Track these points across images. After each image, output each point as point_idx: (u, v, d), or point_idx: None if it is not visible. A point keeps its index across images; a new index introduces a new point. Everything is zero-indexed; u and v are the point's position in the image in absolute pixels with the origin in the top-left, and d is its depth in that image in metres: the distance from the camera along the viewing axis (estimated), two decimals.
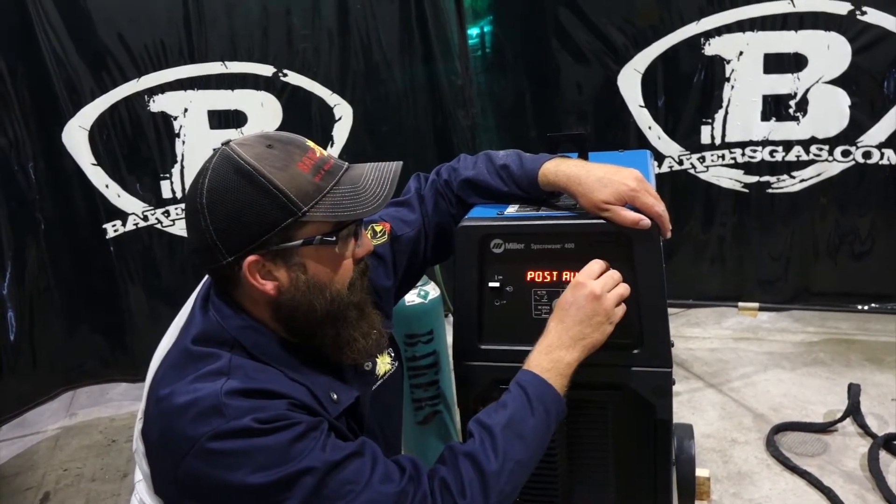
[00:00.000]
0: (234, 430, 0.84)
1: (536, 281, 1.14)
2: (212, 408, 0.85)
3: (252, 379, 0.90)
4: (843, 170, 2.72)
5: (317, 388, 0.96)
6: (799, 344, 3.00)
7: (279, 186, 0.89)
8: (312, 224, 0.92)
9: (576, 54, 2.93)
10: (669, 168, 2.94)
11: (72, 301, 2.78)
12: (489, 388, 1.18)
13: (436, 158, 3.11)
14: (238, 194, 0.89)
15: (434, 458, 0.97)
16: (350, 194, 0.93)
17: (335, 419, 0.97)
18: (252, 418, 0.84)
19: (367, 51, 2.98)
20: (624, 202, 1.07)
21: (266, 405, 0.87)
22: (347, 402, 1.00)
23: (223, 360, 0.92)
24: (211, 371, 0.90)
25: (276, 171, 0.89)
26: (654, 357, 1.10)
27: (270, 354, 0.95)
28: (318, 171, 0.92)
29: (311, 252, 0.93)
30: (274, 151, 0.92)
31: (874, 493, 2.06)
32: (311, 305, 0.94)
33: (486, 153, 1.27)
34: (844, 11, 2.53)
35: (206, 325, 0.96)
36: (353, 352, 1.00)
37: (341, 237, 0.95)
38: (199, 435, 0.84)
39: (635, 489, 1.17)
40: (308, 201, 0.90)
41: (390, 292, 1.23)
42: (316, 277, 0.94)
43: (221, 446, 0.84)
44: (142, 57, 2.69)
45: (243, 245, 0.91)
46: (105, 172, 2.74)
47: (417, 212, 1.27)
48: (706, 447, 2.35)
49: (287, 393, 0.90)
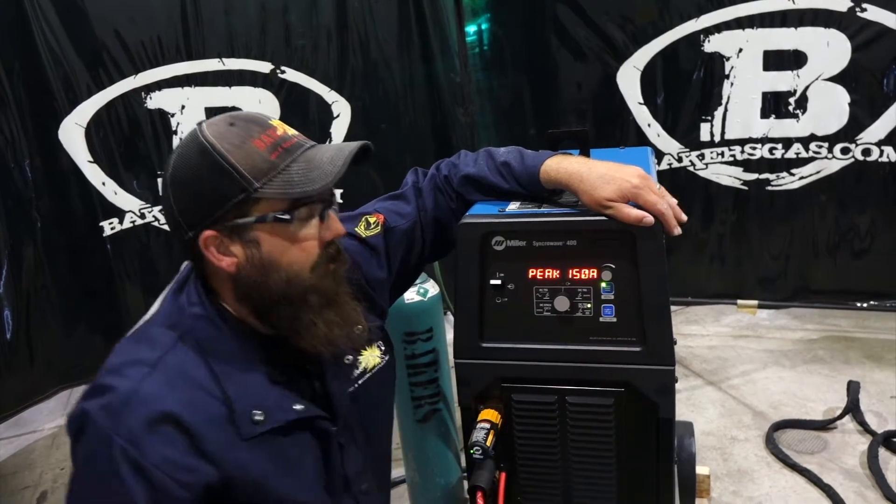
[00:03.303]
0: (93, 441, 0.87)
1: (538, 279, 1.13)
2: (103, 408, 0.88)
3: (164, 392, 0.89)
4: (843, 167, 2.72)
5: (240, 404, 0.94)
6: (798, 341, 3.00)
7: (232, 162, 0.90)
8: (266, 201, 0.92)
9: (575, 51, 2.92)
10: (669, 165, 2.93)
11: (69, 299, 2.77)
12: (490, 386, 1.17)
13: (434, 156, 3.10)
14: (196, 171, 0.92)
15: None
16: (303, 172, 0.93)
17: (247, 439, 0.93)
18: (113, 445, 0.86)
19: (365, 48, 2.98)
20: (627, 199, 1.06)
21: (141, 444, 0.86)
22: (275, 423, 0.96)
23: (158, 351, 0.93)
24: (141, 359, 0.92)
25: (233, 149, 0.91)
26: (656, 355, 1.09)
27: (217, 351, 0.95)
28: (275, 148, 0.93)
29: (266, 229, 0.93)
30: (234, 129, 0.93)
31: (874, 490, 2.06)
32: (266, 284, 0.94)
33: (487, 150, 1.25)
34: (844, 8, 2.53)
35: (168, 308, 0.99)
36: (313, 338, 0.97)
37: (297, 216, 0.94)
38: (86, 412, 0.88)
39: (637, 487, 1.16)
40: (261, 178, 0.91)
41: (384, 284, 1.22)
42: (271, 256, 0.94)
43: (81, 447, 0.89)
44: (138, 54, 2.67)
45: (201, 220, 0.93)
46: (102, 170, 2.73)
47: (413, 204, 1.26)
48: (706, 445, 2.34)
49: (181, 417, 0.89)
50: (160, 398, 0.89)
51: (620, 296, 1.10)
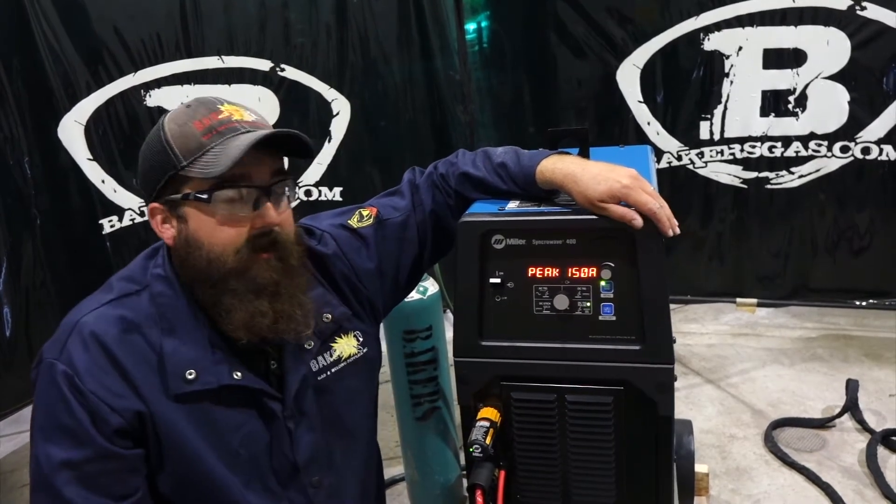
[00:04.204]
0: (43, 371, 0.97)
1: (538, 277, 1.13)
2: (51, 342, 0.98)
3: (102, 325, 0.97)
4: (842, 166, 2.72)
5: (175, 359, 0.98)
6: (797, 340, 3.00)
7: (168, 139, 0.97)
8: (193, 180, 0.97)
9: (574, 49, 2.92)
10: (668, 164, 2.93)
11: (68, 297, 2.76)
12: (489, 384, 1.17)
13: (434, 154, 3.10)
14: (148, 145, 1.01)
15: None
16: (219, 155, 0.95)
17: (175, 397, 0.98)
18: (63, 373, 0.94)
19: (364, 45, 2.97)
20: (618, 199, 1.06)
21: (77, 369, 0.95)
22: (205, 385, 0.99)
23: (111, 295, 1.01)
24: (94, 300, 1.01)
25: (175, 127, 0.98)
26: (656, 353, 1.09)
27: (170, 308, 1.00)
28: (210, 130, 0.97)
29: (192, 206, 0.98)
30: (186, 110, 1.00)
31: (872, 488, 2.07)
32: (189, 260, 0.99)
33: (484, 150, 1.26)
34: (844, 6, 2.53)
35: (135, 266, 1.06)
36: (231, 322, 0.99)
37: (217, 197, 0.97)
38: (41, 350, 0.99)
39: (636, 485, 1.16)
40: (188, 157, 0.96)
41: (373, 275, 1.22)
42: (195, 234, 0.98)
43: (37, 381, 0.98)
44: (138, 51, 2.67)
45: (149, 192, 1.01)
46: (101, 167, 2.73)
47: (408, 199, 1.27)
48: (705, 443, 2.35)
49: (112, 349, 0.96)
50: (97, 328, 0.97)
51: (620, 294, 1.10)
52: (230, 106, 1.02)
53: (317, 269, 1.16)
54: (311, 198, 3.09)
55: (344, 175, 3.09)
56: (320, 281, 1.16)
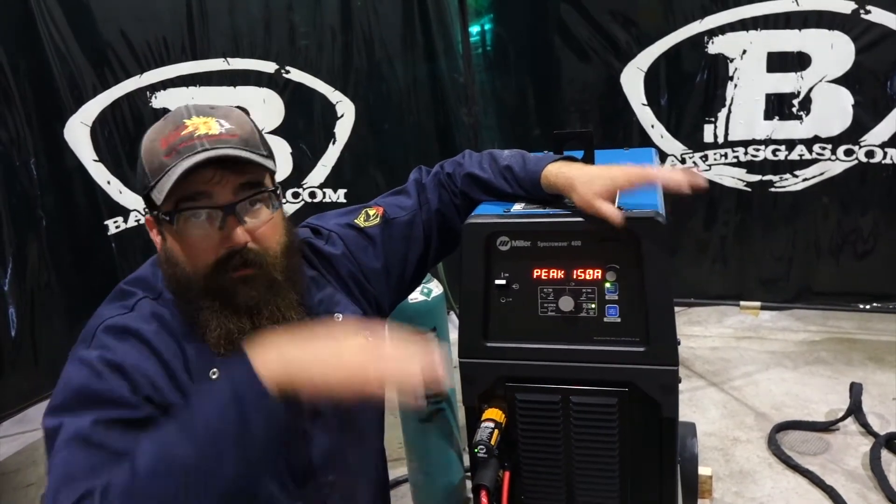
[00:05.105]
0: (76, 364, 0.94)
1: (543, 279, 1.14)
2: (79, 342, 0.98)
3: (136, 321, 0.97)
4: (846, 169, 2.72)
5: (196, 361, 0.97)
6: (801, 343, 3.00)
7: (142, 157, 0.97)
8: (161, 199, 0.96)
9: (578, 52, 2.93)
10: (672, 166, 2.94)
11: (73, 297, 2.78)
12: (494, 385, 1.17)
13: (438, 155, 3.11)
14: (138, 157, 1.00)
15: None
16: (171, 177, 0.91)
17: None
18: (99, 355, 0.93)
19: (369, 48, 2.98)
20: (612, 197, 1.07)
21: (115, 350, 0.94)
22: None
23: (132, 300, 1.01)
24: (119, 305, 1.01)
25: (148, 144, 0.96)
26: (660, 355, 1.09)
27: (184, 313, 0.99)
28: (171, 150, 0.93)
29: (164, 225, 0.98)
30: (160, 124, 0.98)
31: (876, 492, 2.06)
32: (169, 274, 1.00)
33: (490, 153, 1.26)
34: (848, 10, 2.53)
35: (146, 273, 1.05)
36: (209, 337, 0.97)
37: (179, 217, 0.94)
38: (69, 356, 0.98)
39: (640, 487, 1.17)
40: (154, 176, 0.94)
41: (380, 274, 1.22)
42: (172, 250, 0.98)
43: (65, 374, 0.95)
44: (144, 53, 2.68)
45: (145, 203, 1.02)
46: (107, 168, 2.74)
47: (414, 198, 1.27)
48: (708, 446, 2.35)
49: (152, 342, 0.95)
50: (131, 323, 0.97)
51: (624, 296, 1.10)
52: (198, 119, 0.96)
53: (326, 269, 1.16)
54: (315, 199, 3.10)
55: (348, 177, 3.09)
56: (329, 281, 1.16)
